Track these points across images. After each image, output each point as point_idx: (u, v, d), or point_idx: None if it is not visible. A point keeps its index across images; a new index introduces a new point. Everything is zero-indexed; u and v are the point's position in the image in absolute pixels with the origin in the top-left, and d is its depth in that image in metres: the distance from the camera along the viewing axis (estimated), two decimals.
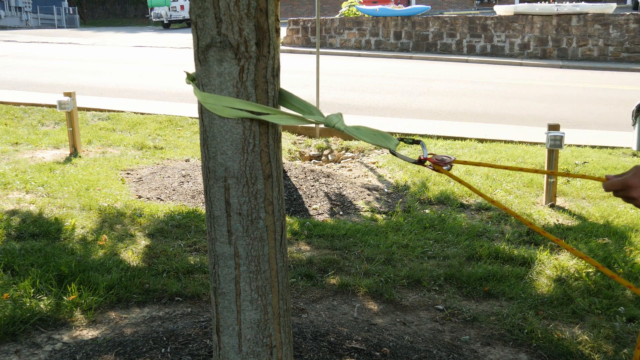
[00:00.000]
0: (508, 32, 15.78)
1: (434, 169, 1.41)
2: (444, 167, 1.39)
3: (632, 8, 22.89)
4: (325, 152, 6.73)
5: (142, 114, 7.88)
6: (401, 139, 1.53)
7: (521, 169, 1.45)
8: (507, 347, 2.63)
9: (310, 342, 2.51)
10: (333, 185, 5.15)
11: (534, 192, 5.00)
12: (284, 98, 1.50)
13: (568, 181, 5.29)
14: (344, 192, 4.99)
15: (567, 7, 15.21)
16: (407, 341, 2.63)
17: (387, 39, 16.99)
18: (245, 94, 1.39)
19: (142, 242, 3.68)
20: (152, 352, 2.43)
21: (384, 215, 4.47)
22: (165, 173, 5.35)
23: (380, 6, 17.59)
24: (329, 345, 2.50)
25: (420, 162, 1.42)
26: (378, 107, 8.90)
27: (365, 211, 4.58)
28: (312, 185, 5.12)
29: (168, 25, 28.94)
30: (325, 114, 1.46)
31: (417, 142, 1.48)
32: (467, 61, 15.45)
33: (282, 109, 1.50)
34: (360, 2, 18.68)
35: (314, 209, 4.62)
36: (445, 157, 1.40)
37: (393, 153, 1.45)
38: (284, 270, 1.59)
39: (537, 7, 15.54)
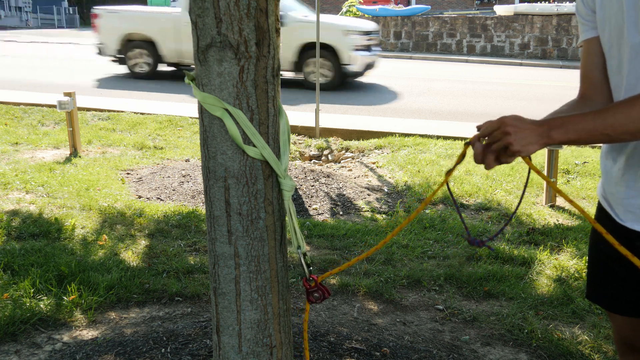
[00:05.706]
0: (508, 32, 15.78)
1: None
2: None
3: None
4: (325, 152, 6.72)
5: (142, 114, 7.88)
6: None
7: None
8: (507, 347, 2.63)
9: (310, 342, 2.52)
10: (333, 185, 5.15)
11: (533, 192, 5.00)
12: None
13: (568, 181, 5.29)
14: (344, 192, 4.99)
15: (567, 7, 15.22)
16: (407, 341, 2.63)
17: (387, 39, 16.99)
18: (245, 94, 1.39)
19: (142, 242, 3.68)
20: (152, 352, 2.43)
21: (384, 215, 4.47)
22: (165, 173, 5.35)
23: (380, 6, 17.62)
24: (329, 345, 2.50)
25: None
26: (378, 107, 8.90)
27: (366, 211, 4.57)
28: (312, 185, 5.12)
29: None
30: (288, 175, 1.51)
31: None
32: (467, 61, 15.46)
33: None
34: (360, 2, 18.69)
35: (314, 209, 4.62)
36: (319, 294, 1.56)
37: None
38: (284, 270, 1.59)
39: (537, 7, 15.56)
